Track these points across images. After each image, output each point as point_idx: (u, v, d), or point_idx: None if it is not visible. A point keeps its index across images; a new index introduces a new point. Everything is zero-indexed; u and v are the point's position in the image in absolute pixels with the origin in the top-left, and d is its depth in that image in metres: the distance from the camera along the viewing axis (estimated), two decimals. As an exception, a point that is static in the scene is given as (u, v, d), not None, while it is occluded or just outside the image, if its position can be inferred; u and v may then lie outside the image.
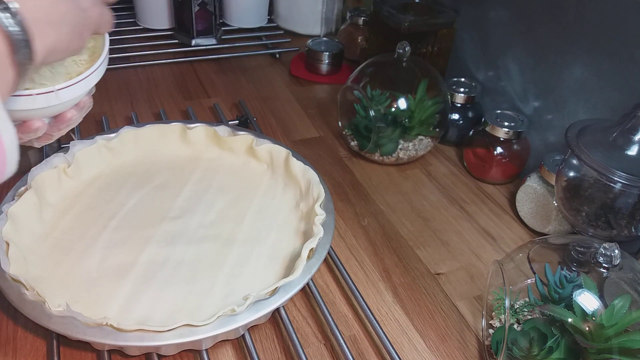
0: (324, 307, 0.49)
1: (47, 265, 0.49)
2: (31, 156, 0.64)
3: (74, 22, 0.35)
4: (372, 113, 0.66)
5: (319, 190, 0.57)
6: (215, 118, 0.78)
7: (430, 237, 0.61)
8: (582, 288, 0.42)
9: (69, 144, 0.59)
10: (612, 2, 0.57)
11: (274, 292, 0.46)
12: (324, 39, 0.95)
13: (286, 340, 0.48)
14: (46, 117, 0.42)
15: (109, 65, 0.84)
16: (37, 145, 0.43)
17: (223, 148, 0.65)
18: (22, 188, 0.53)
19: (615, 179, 0.49)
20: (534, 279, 0.46)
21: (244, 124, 0.74)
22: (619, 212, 0.52)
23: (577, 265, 0.46)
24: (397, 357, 0.45)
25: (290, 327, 0.47)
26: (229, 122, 0.73)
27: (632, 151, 0.50)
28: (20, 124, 0.40)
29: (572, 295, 0.42)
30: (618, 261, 0.43)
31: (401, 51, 0.67)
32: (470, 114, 0.75)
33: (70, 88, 0.41)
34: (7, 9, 0.29)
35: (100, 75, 0.45)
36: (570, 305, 0.42)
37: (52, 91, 0.40)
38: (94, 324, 0.41)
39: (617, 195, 0.51)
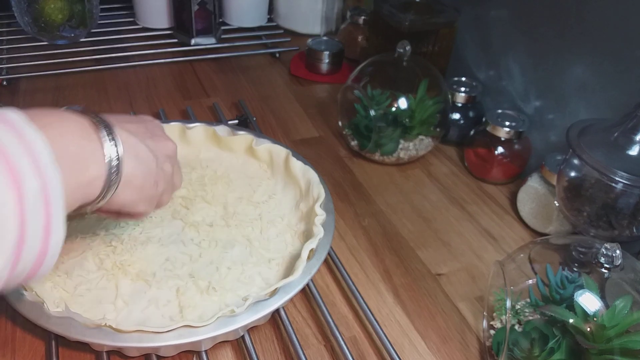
0: (324, 308, 0.49)
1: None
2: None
3: (150, 167, 0.40)
4: (372, 113, 0.65)
5: (319, 191, 0.56)
6: (214, 118, 0.77)
7: (431, 237, 0.61)
8: (584, 289, 0.42)
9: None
10: (613, 2, 0.57)
11: (273, 292, 0.45)
12: (324, 38, 0.95)
13: (286, 342, 0.47)
14: None
15: (108, 65, 0.84)
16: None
17: (222, 148, 0.65)
18: (21, 188, 0.53)
19: (617, 179, 0.49)
20: (535, 279, 0.46)
21: (244, 124, 0.74)
22: (620, 213, 0.51)
23: (579, 266, 0.45)
24: (397, 359, 0.45)
25: (290, 328, 0.46)
26: (229, 122, 0.73)
27: (634, 151, 0.50)
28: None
29: (573, 295, 0.42)
30: (619, 262, 0.43)
31: (402, 50, 0.67)
32: (471, 114, 0.74)
33: None
34: (115, 143, 0.36)
35: None
36: (571, 305, 0.42)
37: None
38: (92, 324, 0.41)
39: (618, 196, 0.51)
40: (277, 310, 0.48)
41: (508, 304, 0.42)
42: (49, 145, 0.30)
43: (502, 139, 0.66)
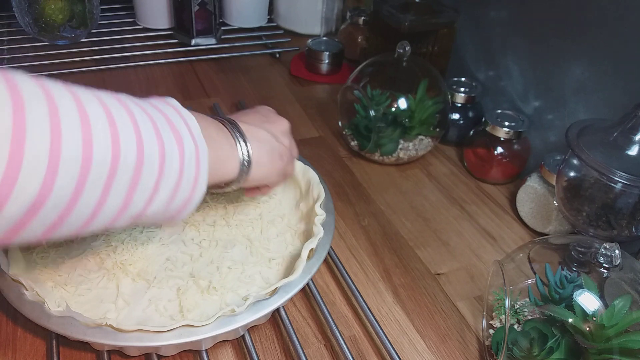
0: (324, 308, 0.49)
1: (47, 266, 0.49)
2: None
3: (272, 145, 0.47)
4: (372, 113, 0.65)
5: (319, 190, 0.56)
6: (215, 118, 0.77)
7: (430, 237, 0.61)
8: (583, 288, 0.42)
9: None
10: (612, 3, 0.57)
11: (273, 292, 0.46)
12: (324, 38, 0.95)
13: (286, 341, 0.48)
14: None
15: (108, 65, 0.85)
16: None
17: (223, 148, 0.65)
18: (22, 188, 0.53)
19: (616, 179, 0.49)
20: (534, 279, 0.46)
21: (244, 124, 0.74)
22: (619, 212, 0.52)
23: (578, 266, 0.45)
24: (397, 358, 0.45)
25: (290, 327, 0.47)
26: (229, 122, 0.73)
27: (633, 151, 0.50)
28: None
29: (572, 295, 0.42)
30: (618, 261, 0.43)
31: (401, 51, 0.67)
32: (470, 114, 0.74)
33: None
34: (244, 139, 0.44)
35: None
36: (570, 305, 0.42)
37: None
38: (93, 324, 0.41)
39: (617, 195, 0.51)
40: (277, 310, 0.48)
41: (507, 303, 0.42)
42: (198, 124, 0.39)
43: (502, 139, 0.67)
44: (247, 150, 0.44)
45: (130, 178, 0.33)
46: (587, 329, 0.40)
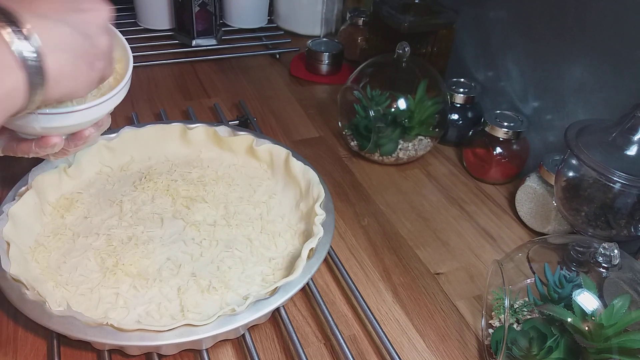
0: (324, 307, 0.49)
1: (47, 265, 0.49)
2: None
3: (80, 50, 0.34)
4: (372, 113, 0.66)
5: (318, 190, 0.57)
6: (215, 118, 0.78)
7: (430, 237, 0.61)
8: (582, 288, 0.42)
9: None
10: (612, 3, 0.57)
11: (274, 291, 0.46)
12: (324, 39, 0.95)
13: (286, 340, 0.48)
14: (65, 134, 0.42)
15: None
16: (53, 159, 0.43)
17: (223, 148, 0.66)
18: (23, 188, 0.53)
19: (615, 179, 0.49)
20: (533, 278, 0.47)
21: (244, 124, 0.75)
22: (618, 212, 0.52)
23: (577, 265, 0.46)
24: (396, 357, 0.45)
25: (290, 326, 0.47)
26: (229, 122, 0.73)
27: (632, 151, 0.50)
28: (38, 139, 0.41)
29: (571, 295, 0.42)
30: (617, 261, 0.44)
31: (401, 51, 0.67)
32: (469, 114, 0.75)
33: (91, 109, 0.41)
34: (24, 36, 0.30)
35: (121, 98, 0.45)
36: (569, 305, 0.42)
37: (72, 111, 0.39)
38: (94, 323, 0.41)
39: (616, 195, 0.51)
40: (277, 309, 0.48)
41: (506, 303, 0.42)
42: None
43: (501, 139, 0.67)
44: (37, 64, 0.30)
45: None
46: (586, 328, 0.40)
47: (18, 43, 0.29)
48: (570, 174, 0.55)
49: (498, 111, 0.69)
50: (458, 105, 0.74)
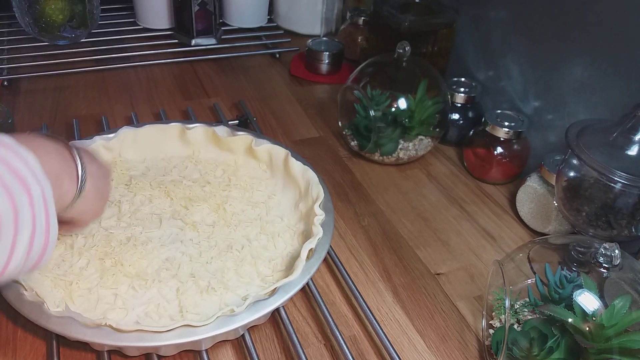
0: (323, 307, 0.49)
1: (46, 266, 0.49)
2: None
3: (99, 184, 0.47)
4: (372, 113, 0.65)
5: (318, 191, 0.56)
6: (215, 118, 0.78)
7: (430, 237, 0.61)
8: (583, 288, 0.42)
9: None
10: (612, 3, 0.57)
11: (273, 292, 0.46)
12: (324, 38, 0.95)
13: (286, 341, 0.48)
14: None
15: (109, 65, 0.86)
16: None
17: (222, 148, 0.65)
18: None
19: (616, 179, 0.49)
20: (534, 279, 0.46)
21: (244, 124, 0.74)
22: (619, 212, 0.52)
23: (578, 265, 0.45)
24: (397, 357, 0.45)
25: (290, 327, 0.47)
26: (229, 122, 0.73)
27: (633, 151, 0.50)
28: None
29: (572, 295, 0.42)
30: (618, 261, 0.43)
31: (401, 51, 0.67)
32: (470, 114, 0.74)
33: None
34: (82, 165, 0.44)
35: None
36: (570, 305, 0.42)
37: None
38: (93, 324, 0.41)
39: (617, 195, 0.51)
40: (277, 310, 0.48)
41: (507, 303, 0.42)
42: (38, 161, 0.37)
43: (501, 139, 0.67)
44: (84, 181, 0.44)
45: None
46: (587, 328, 0.40)
47: (80, 165, 0.43)
48: (571, 174, 0.54)
49: (499, 111, 0.69)
50: (458, 105, 0.74)
